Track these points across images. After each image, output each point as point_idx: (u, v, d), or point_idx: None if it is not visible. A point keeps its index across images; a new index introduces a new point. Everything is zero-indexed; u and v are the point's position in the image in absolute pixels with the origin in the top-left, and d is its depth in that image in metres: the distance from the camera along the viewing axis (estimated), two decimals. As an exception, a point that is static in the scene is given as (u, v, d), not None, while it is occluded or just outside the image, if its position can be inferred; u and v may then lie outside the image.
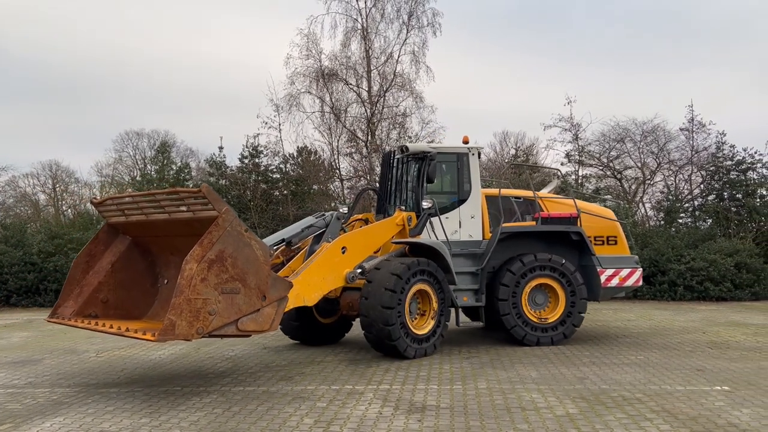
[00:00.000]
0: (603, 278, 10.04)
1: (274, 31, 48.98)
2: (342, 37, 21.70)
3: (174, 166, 22.29)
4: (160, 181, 21.15)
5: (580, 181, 21.99)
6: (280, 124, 21.01)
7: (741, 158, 20.33)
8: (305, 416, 5.95)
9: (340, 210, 9.81)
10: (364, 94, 21.73)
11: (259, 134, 20.90)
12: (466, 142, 10.18)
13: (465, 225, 9.92)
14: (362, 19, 21.59)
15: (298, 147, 23.55)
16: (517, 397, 6.60)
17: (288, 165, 22.62)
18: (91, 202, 8.77)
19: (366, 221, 10.31)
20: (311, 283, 8.30)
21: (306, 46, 21.53)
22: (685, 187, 22.18)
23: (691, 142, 21.83)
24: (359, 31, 21.54)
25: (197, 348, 9.90)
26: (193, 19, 56.08)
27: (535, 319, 9.72)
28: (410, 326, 8.70)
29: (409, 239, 9.44)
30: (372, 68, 21.57)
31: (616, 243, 10.46)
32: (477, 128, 53.43)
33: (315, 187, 22.35)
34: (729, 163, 20.56)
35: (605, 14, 53.11)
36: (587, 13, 53.18)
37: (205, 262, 6.44)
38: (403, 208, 9.81)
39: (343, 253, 8.73)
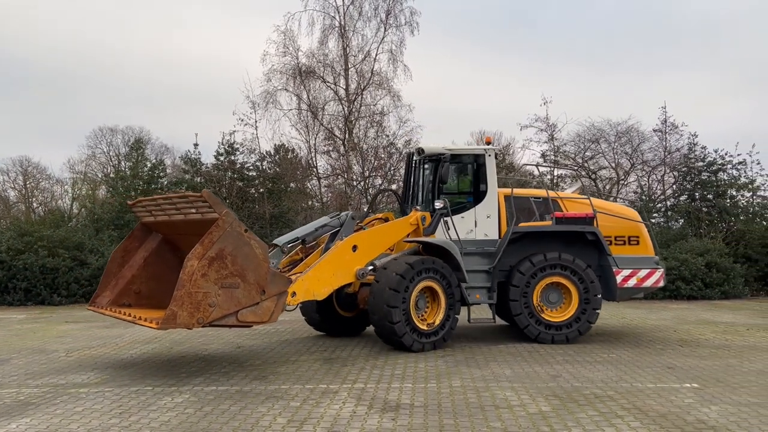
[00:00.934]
0: (619, 278, 9.97)
1: (252, 28, 48.62)
2: (319, 34, 21.67)
3: (148, 163, 21.95)
4: (134, 178, 20.80)
5: (555, 181, 22.19)
6: (256, 122, 20.87)
7: (712, 159, 20.72)
8: (278, 416, 5.90)
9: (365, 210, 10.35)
10: (342, 92, 21.66)
11: (235, 131, 20.71)
12: (488, 142, 10.43)
13: (480, 224, 10.05)
14: (340, 16, 21.56)
15: (275, 145, 23.40)
16: (491, 395, 6.63)
17: (265, 162, 22.49)
18: (127, 204, 9.65)
19: (386, 221, 10.55)
20: (320, 279, 8.79)
21: (283, 43, 21.43)
22: (658, 187, 22.55)
23: (664, 143, 22.20)
24: (337, 28, 21.49)
25: (170, 347, 9.78)
26: (169, 15, 55.39)
27: (547, 318, 9.80)
28: (416, 322, 9.07)
29: (421, 238, 9.73)
30: (349, 66, 21.50)
31: (638, 243, 10.36)
32: (455, 127, 53.72)
33: (292, 185, 22.20)
34: (700, 164, 20.94)
35: (584, 16, 53.72)
36: (566, 15, 53.71)
37: (206, 259, 7.11)
38: (419, 207, 10.11)
39: (354, 251, 9.15)
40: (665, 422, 5.66)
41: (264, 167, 22.11)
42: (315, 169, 22.33)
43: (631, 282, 10.07)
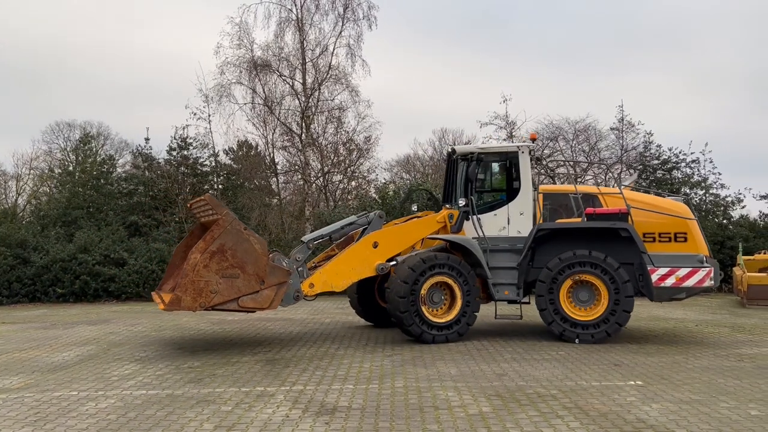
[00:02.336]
0: (655, 277, 9.45)
1: (207, 20, 47.62)
2: (275, 27, 21.19)
3: (97, 158, 21.19)
4: (82, 173, 20.07)
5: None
6: (209, 116, 20.30)
7: (666, 158, 21.01)
8: (206, 421, 5.59)
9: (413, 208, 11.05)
10: (299, 87, 21.25)
11: (188, 125, 20.11)
12: (533, 139, 10.60)
13: (513, 222, 10.03)
14: (297, 9, 21.13)
15: (238, 141, 22.87)
16: (432, 396, 6.44)
17: (225, 157, 21.89)
18: (188, 206, 11.27)
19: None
20: (338, 272, 9.61)
21: (237, 35, 20.88)
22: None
23: (621, 141, 22.40)
24: (293, 21, 21.05)
25: (107, 349, 9.35)
26: (129, 9, 53.96)
27: (581, 318, 9.54)
28: (427, 315, 9.47)
29: (441, 236, 10.06)
30: (306, 60, 21.11)
31: (685, 240, 9.71)
32: (416, 125, 53.73)
33: (256, 182, 21.69)
34: (656, 162, 21.20)
35: (549, 18, 54.18)
36: (529, 15, 54.11)
37: (208, 253, 8.37)
38: (448, 206, 10.46)
39: (375, 247, 9.80)
40: (605, 422, 5.54)
41: (220, 163, 21.57)
42: (273, 165, 21.86)
43: (669, 281, 9.48)
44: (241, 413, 5.84)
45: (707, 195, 20.76)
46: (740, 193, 20.49)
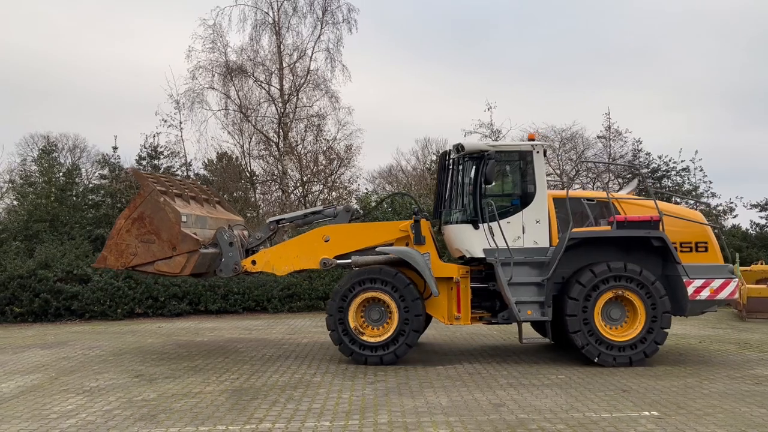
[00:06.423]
0: (690, 290, 8.81)
1: (181, 26, 46.34)
2: (251, 30, 20.29)
3: (62, 168, 20.03)
4: (47, 183, 18.91)
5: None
6: (181, 122, 19.29)
7: (656, 166, 20.45)
8: (150, 475, 4.65)
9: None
10: (275, 92, 20.34)
11: (158, 133, 19.08)
12: (531, 139, 9.40)
13: (529, 230, 8.98)
14: (273, 12, 20.27)
15: (217, 153, 21.88)
16: (422, 435, 5.55)
17: (204, 170, 20.86)
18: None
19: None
20: (282, 256, 9.63)
21: (210, 39, 19.94)
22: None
23: (608, 149, 21.84)
24: (270, 25, 20.19)
25: (54, 378, 8.32)
26: (120, 21, 52.72)
27: (610, 337, 8.66)
28: (357, 333, 8.91)
29: (380, 248, 9.36)
30: (284, 65, 20.23)
31: (706, 250, 9.12)
32: (399, 134, 53.11)
33: (235, 194, 20.69)
34: (645, 170, 20.63)
35: (530, 33, 53.97)
36: (514, 31, 53.87)
37: (130, 219, 9.23)
38: (416, 216, 9.49)
39: (326, 241, 9.55)
40: (626, 467, 4.69)
41: (194, 172, 20.56)
42: (248, 174, 20.88)
43: (704, 294, 8.87)
44: (194, 462, 4.90)
45: (697, 205, 20.20)
46: (732, 202, 19.99)
